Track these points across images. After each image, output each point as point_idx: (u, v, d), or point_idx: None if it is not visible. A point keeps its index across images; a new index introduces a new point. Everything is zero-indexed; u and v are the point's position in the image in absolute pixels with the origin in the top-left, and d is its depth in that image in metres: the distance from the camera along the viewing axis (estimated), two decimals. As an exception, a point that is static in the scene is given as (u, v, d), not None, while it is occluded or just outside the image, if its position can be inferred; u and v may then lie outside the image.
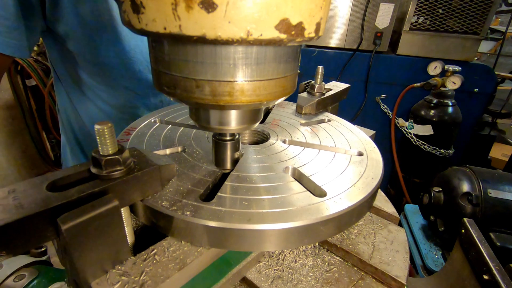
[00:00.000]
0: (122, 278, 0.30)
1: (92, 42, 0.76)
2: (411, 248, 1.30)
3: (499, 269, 0.55)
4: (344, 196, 0.38)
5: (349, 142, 0.54)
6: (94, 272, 0.30)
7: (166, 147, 0.49)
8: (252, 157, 0.47)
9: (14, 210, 0.27)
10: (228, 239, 0.33)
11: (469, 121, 2.04)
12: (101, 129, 0.32)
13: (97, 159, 0.32)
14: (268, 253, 0.46)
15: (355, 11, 1.85)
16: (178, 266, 0.32)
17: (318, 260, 0.46)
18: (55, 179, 0.32)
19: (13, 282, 0.53)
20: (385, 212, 0.56)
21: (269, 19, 0.25)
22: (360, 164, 0.47)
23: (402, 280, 0.42)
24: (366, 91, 2.07)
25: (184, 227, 0.34)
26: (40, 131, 2.91)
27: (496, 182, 1.12)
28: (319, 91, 0.66)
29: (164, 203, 0.35)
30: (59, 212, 0.27)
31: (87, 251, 0.28)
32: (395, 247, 0.47)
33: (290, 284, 0.41)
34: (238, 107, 0.34)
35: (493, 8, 1.74)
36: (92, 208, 0.28)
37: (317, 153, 0.49)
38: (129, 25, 0.29)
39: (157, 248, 0.34)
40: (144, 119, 0.60)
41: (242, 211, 0.34)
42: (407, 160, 2.14)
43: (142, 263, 0.32)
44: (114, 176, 0.32)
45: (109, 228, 0.29)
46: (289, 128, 0.58)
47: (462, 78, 1.74)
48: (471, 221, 0.69)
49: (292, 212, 0.35)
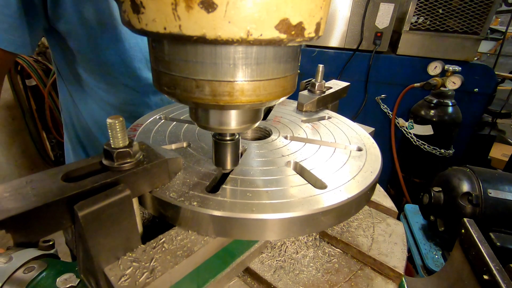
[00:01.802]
0: (133, 264, 0.32)
1: (93, 41, 0.78)
2: (411, 248, 1.31)
3: (499, 269, 0.56)
4: (343, 189, 0.40)
5: (349, 138, 0.55)
6: (107, 258, 0.31)
7: (172, 143, 0.51)
8: (255, 152, 0.49)
9: (33, 198, 0.29)
10: (233, 228, 0.35)
11: (469, 121, 2.05)
12: (112, 123, 0.33)
13: (109, 151, 0.34)
14: (271, 244, 0.48)
15: (355, 11, 1.86)
16: (185, 253, 0.33)
17: (319, 251, 0.48)
18: (68, 170, 0.34)
19: (23, 274, 0.55)
20: (383, 207, 0.57)
21: (269, 19, 0.25)
22: (359, 158, 0.48)
23: (400, 270, 0.43)
24: (366, 91, 2.08)
25: (191, 217, 0.35)
26: (40, 131, 2.92)
27: (496, 182, 1.13)
28: (319, 89, 0.68)
29: (172, 194, 0.37)
30: (74, 201, 0.29)
31: (101, 237, 0.30)
32: (393, 240, 0.49)
33: (292, 274, 0.43)
34: (238, 107, 0.34)
35: (493, 8, 1.75)
36: (106, 197, 0.29)
37: (317, 148, 0.51)
38: (129, 25, 0.29)
39: (165, 237, 0.35)
40: (150, 116, 0.61)
41: (246, 202, 0.36)
42: (407, 160, 2.15)
43: (152, 250, 0.33)
44: (124, 168, 0.34)
45: (121, 216, 0.31)
46: (290, 124, 0.60)
47: (462, 78, 1.75)
48: (471, 221, 0.70)
49: (294, 203, 0.36)
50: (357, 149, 0.52)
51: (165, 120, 0.60)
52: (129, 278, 0.30)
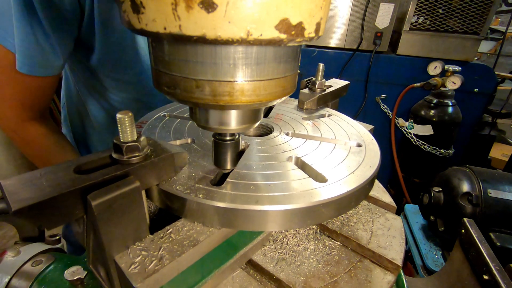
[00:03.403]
0: (142, 253, 0.33)
1: (113, 61, 0.80)
2: (411, 248, 1.31)
3: (499, 269, 0.57)
4: (343, 182, 0.41)
5: (349, 134, 0.57)
6: (118, 247, 0.33)
7: (177, 139, 0.53)
8: (257, 147, 0.50)
9: (48, 189, 0.30)
10: (238, 219, 0.36)
11: (469, 121, 2.05)
12: (122, 118, 0.35)
13: (119, 145, 0.35)
14: (273, 237, 0.49)
15: (355, 11, 1.87)
16: (192, 243, 0.35)
17: (319, 244, 0.49)
18: (80, 163, 0.35)
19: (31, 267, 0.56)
20: (382, 202, 0.59)
21: (269, 19, 0.26)
22: (359, 154, 0.50)
23: (398, 262, 0.45)
24: (366, 91, 2.09)
25: (197, 209, 0.37)
26: (41, 130, 2.92)
27: (496, 182, 1.13)
28: (320, 87, 0.69)
29: (178, 187, 0.39)
30: (86, 192, 0.31)
31: (112, 226, 0.31)
32: (391, 233, 0.50)
33: (294, 265, 0.44)
34: (238, 107, 0.34)
35: (493, 8, 1.76)
36: (117, 188, 0.31)
37: (318, 144, 0.52)
38: (129, 25, 0.29)
39: (172, 228, 0.37)
40: (154, 113, 0.63)
41: (250, 194, 0.38)
42: (407, 160, 2.15)
43: (159, 240, 0.35)
44: (133, 161, 0.36)
45: (131, 207, 0.32)
46: (291, 122, 0.62)
47: (462, 78, 1.75)
48: (471, 221, 0.70)
49: (296, 195, 0.38)
50: (357, 145, 0.53)
51: (170, 117, 0.62)
52: (139, 266, 0.31)
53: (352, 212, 0.55)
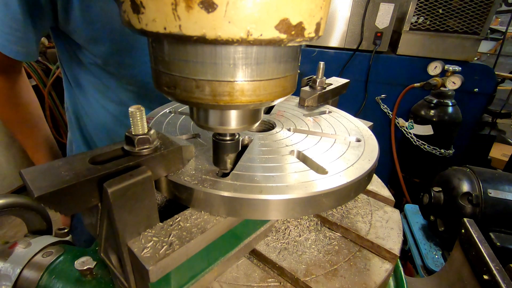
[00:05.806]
0: (153, 239, 0.35)
1: (117, 65, 0.82)
2: (411, 248, 1.32)
3: (499, 269, 0.57)
4: (343, 174, 0.43)
5: (348, 130, 0.59)
6: (131, 233, 0.35)
7: (183, 134, 0.55)
8: (260, 142, 0.52)
9: (67, 178, 0.32)
10: (243, 208, 0.38)
11: (469, 121, 2.06)
12: (134, 112, 0.37)
13: (130, 137, 0.37)
14: (275, 228, 0.51)
15: (355, 11, 1.88)
16: (200, 230, 0.37)
17: (320, 235, 0.51)
18: (94, 155, 0.37)
19: (42, 258, 0.58)
20: (381, 196, 0.61)
21: (269, 19, 0.26)
22: (358, 148, 0.52)
23: (396, 252, 0.47)
24: (366, 91, 2.10)
25: (204, 198, 0.39)
26: (41, 130, 2.93)
27: (496, 182, 1.13)
28: (320, 85, 0.71)
29: (186, 178, 0.41)
30: (102, 181, 0.33)
31: (126, 213, 0.33)
32: (390, 225, 0.52)
33: (295, 255, 0.46)
34: (238, 107, 0.34)
35: (493, 8, 1.76)
36: (131, 177, 0.33)
37: (319, 139, 0.54)
38: (129, 25, 0.29)
39: (180, 216, 0.39)
40: (160, 109, 0.65)
41: (254, 185, 0.40)
42: (407, 160, 2.16)
43: (169, 227, 0.37)
44: (144, 153, 0.38)
45: (144, 195, 0.34)
46: (293, 118, 0.64)
47: (462, 78, 1.76)
48: (471, 221, 0.70)
49: (298, 185, 0.40)
50: (356, 140, 0.55)
51: (175, 114, 0.64)
52: (151, 250, 0.33)
53: (351, 205, 0.57)
